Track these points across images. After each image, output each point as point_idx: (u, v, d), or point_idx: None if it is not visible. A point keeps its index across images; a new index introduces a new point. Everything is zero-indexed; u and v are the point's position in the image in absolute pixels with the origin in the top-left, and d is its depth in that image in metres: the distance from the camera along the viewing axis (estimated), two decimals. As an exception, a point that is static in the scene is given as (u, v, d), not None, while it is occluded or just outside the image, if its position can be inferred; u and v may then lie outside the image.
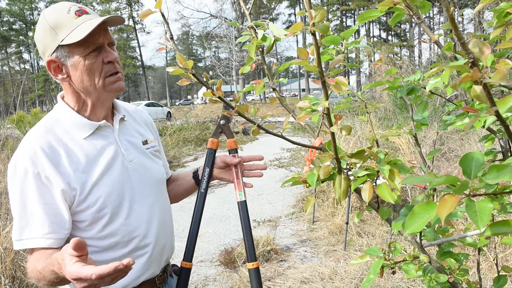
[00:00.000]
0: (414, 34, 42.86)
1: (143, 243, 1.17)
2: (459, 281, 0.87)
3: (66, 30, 1.04)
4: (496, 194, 0.52)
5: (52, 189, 1.03)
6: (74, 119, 1.11)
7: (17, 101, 7.07)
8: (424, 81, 0.96)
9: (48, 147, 1.05)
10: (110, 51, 1.10)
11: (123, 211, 1.13)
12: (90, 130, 1.12)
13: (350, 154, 0.79)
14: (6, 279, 2.92)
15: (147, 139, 1.29)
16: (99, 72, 1.08)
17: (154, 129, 1.39)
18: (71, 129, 1.11)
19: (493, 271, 2.90)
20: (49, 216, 1.03)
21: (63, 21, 1.04)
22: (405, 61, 13.24)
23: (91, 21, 1.05)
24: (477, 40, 0.46)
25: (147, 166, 1.23)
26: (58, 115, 1.13)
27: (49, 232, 1.03)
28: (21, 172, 1.03)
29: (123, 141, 1.18)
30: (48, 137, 1.07)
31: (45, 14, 1.07)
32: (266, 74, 0.92)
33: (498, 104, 0.48)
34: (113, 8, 50.43)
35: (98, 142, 1.13)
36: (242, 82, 33.12)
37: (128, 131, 1.23)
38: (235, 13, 35.12)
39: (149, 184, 1.21)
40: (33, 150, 1.03)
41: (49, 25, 1.05)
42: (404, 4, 0.68)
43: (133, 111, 1.33)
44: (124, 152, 1.16)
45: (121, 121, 1.21)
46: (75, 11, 1.06)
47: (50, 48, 1.06)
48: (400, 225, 0.73)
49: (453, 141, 6.45)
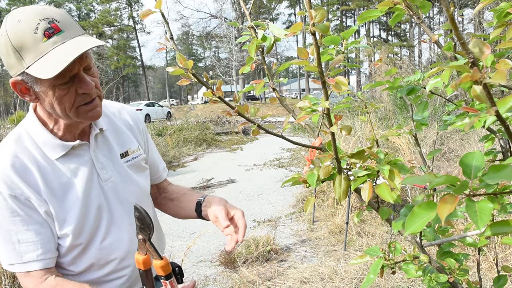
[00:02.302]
0: (414, 34, 42.87)
1: (121, 265, 1.11)
2: (459, 281, 0.87)
3: (33, 55, 0.88)
4: (496, 194, 0.52)
5: (35, 209, 0.98)
6: (45, 138, 1.01)
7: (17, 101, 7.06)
8: (424, 81, 0.96)
9: (21, 168, 0.97)
10: (85, 80, 0.94)
11: (99, 235, 1.07)
12: (63, 151, 1.02)
13: (350, 154, 0.79)
14: (6, 279, 2.92)
15: (127, 150, 1.16)
16: (70, 103, 0.95)
17: (140, 129, 1.26)
18: (43, 147, 1.01)
19: (493, 271, 2.90)
20: (40, 236, 0.98)
21: (29, 43, 0.87)
22: (405, 61, 13.24)
23: (62, 49, 0.88)
24: (477, 40, 0.46)
25: (126, 183, 1.13)
26: (29, 129, 1.03)
27: (42, 252, 0.99)
28: (1, 201, 0.95)
29: (99, 158, 1.09)
30: (20, 155, 0.98)
31: (7, 27, 0.88)
32: (266, 74, 0.92)
33: (498, 104, 0.48)
34: (113, 8, 50.44)
35: (71, 163, 1.03)
36: (242, 82, 33.12)
37: (105, 145, 1.12)
38: (235, 13, 35.13)
39: (128, 202, 1.12)
40: (5, 174, 0.95)
41: (12, 45, 0.87)
42: (404, 4, 0.68)
43: (115, 113, 1.20)
44: (99, 172, 1.07)
45: (98, 135, 1.10)
46: (44, 30, 0.87)
47: (15, 70, 0.91)
48: (400, 225, 0.73)
49: (453, 141, 6.45)
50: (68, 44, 0.89)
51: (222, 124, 16.14)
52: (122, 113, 1.22)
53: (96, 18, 52.31)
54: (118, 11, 51.13)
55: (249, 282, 3.22)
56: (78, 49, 0.88)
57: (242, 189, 6.37)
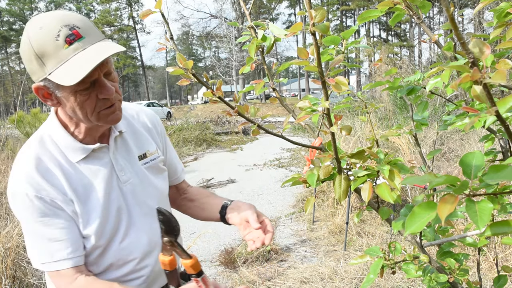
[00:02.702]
0: (414, 34, 42.87)
1: (139, 266, 1.12)
2: (459, 281, 0.87)
3: (54, 62, 0.89)
4: (496, 194, 0.52)
5: (61, 209, 1.00)
6: (67, 141, 1.03)
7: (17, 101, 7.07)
8: (424, 81, 0.96)
9: (45, 170, 0.99)
10: (106, 85, 0.96)
11: (118, 236, 1.08)
12: (84, 154, 1.04)
13: (350, 154, 0.79)
14: (6, 279, 2.92)
15: (145, 152, 1.18)
16: (92, 108, 0.97)
17: (159, 131, 1.27)
18: (64, 150, 1.03)
19: (493, 271, 2.90)
20: (69, 235, 1.00)
21: (51, 50, 0.88)
22: (405, 61, 13.24)
23: (83, 56, 0.89)
24: (477, 40, 0.46)
25: (144, 184, 1.14)
26: (51, 132, 1.05)
27: (72, 251, 1.01)
28: (24, 200, 0.97)
29: (119, 160, 1.10)
30: (44, 157, 1.00)
31: (29, 34, 0.90)
32: (266, 74, 0.92)
33: (498, 104, 0.48)
34: (113, 8, 50.45)
35: (92, 165, 1.05)
36: (242, 82, 33.13)
37: (124, 147, 1.13)
38: (235, 13, 35.14)
39: (146, 204, 1.14)
40: (30, 176, 0.98)
41: (34, 52, 0.89)
42: (404, 4, 0.68)
43: (134, 115, 1.21)
44: (119, 173, 1.09)
45: (117, 137, 1.12)
46: (65, 36, 0.88)
47: (37, 76, 0.93)
48: (400, 225, 0.73)
49: (453, 141, 6.45)
50: (89, 51, 0.90)
51: (222, 124, 16.14)
52: (141, 115, 1.23)
53: (96, 18, 52.32)
54: (118, 11, 51.15)
55: (249, 282, 3.22)
56: (99, 56, 0.89)
57: (242, 189, 6.37)
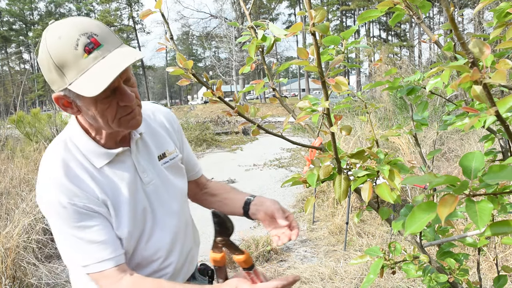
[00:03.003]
0: (414, 34, 42.87)
1: (164, 264, 1.15)
2: (459, 281, 0.87)
3: (74, 72, 0.89)
4: (496, 194, 0.52)
5: (95, 212, 1.00)
6: (90, 146, 1.03)
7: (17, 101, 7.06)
8: (424, 81, 0.96)
9: (74, 176, 0.99)
10: (126, 92, 0.95)
11: (144, 236, 1.10)
12: (108, 159, 1.04)
13: (350, 154, 0.79)
14: (6, 279, 2.92)
15: (164, 152, 1.18)
16: (112, 116, 0.96)
17: (175, 128, 1.26)
18: (88, 155, 1.03)
19: (493, 271, 2.90)
20: (106, 236, 1.01)
21: (70, 59, 0.88)
22: (405, 61, 13.24)
23: (103, 65, 0.88)
24: (477, 40, 0.46)
25: (165, 184, 1.16)
26: (73, 137, 1.05)
27: (112, 250, 1.01)
28: (58, 208, 0.98)
29: (140, 162, 1.11)
30: (70, 164, 1.00)
31: (48, 44, 0.89)
32: (266, 74, 0.91)
33: (498, 104, 0.48)
34: (113, 8, 50.46)
35: (116, 169, 1.06)
36: (242, 82, 33.13)
37: (145, 149, 1.14)
38: (235, 13, 35.13)
39: (168, 204, 1.16)
40: (60, 183, 0.97)
41: (54, 62, 0.88)
42: (404, 4, 0.68)
43: (150, 115, 1.21)
44: (141, 175, 1.10)
45: (138, 139, 1.12)
46: (84, 45, 0.87)
47: (57, 85, 0.93)
48: (400, 225, 0.73)
49: (453, 141, 6.45)
50: (108, 59, 0.89)
51: (222, 124, 16.14)
52: (157, 114, 1.23)
53: (96, 18, 52.29)
54: (118, 11, 51.15)
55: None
56: (119, 65, 0.89)
57: (242, 189, 6.32)
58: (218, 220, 0.94)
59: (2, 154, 5.94)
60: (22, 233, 3.35)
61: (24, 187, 4.51)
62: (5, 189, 4.29)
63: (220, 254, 0.98)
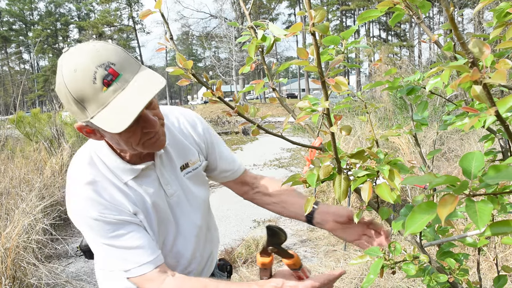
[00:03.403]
0: (414, 34, 42.86)
1: (185, 271, 1.17)
2: (459, 281, 0.87)
3: (95, 106, 0.86)
4: (496, 194, 0.52)
5: (128, 220, 1.02)
6: (116, 162, 1.03)
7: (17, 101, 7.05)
8: (424, 81, 0.96)
9: (102, 190, 1.00)
10: (149, 119, 0.93)
11: (167, 246, 1.13)
12: (134, 174, 1.05)
13: (350, 154, 0.79)
14: (6, 279, 2.92)
15: (187, 162, 1.17)
16: (136, 142, 0.95)
17: (200, 133, 1.22)
18: (114, 170, 1.03)
19: (493, 271, 2.90)
20: (142, 239, 1.02)
21: (89, 94, 0.84)
22: (405, 61, 13.23)
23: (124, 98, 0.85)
24: (477, 40, 0.46)
25: (187, 195, 1.16)
26: (99, 152, 1.04)
27: (151, 253, 1.03)
28: (89, 222, 0.99)
29: (164, 175, 1.11)
30: (97, 178, 1.01)
31: (64, 76, 0.86)
32: (266, 74, 0.91)
33: (498, 104, 0.48)
34: (113, 8, 50.44)
35: (141, 183, 1.06)
36: (242, 82, 33.13)
37: (168, 161, 1.13)
38: (235, 13, 35.13)
39: (191, 215, 1.17)
40: (89, 198, 0.99)
41: (72, 96, 0.86)
42: (404, 4, 0.68)
43: (174, 123, 1.18)
44: (165, 188, 1.10)
45: (162, 153, 1.11)
46: (102, 78, 0.84)
47: (79, 117, 0.91)
48: (400, 225, 0.73)
49: (453, 141, 6.44)
50: (128, 91, 0.86)
51: (222, 124, 16.14)
52: (181, 120, 1.20)
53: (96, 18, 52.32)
54: (118, 11, 51.15)
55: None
56: (140, 100, 0.85)
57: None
58: (272, 233, 0.96)
59: (2, 154, 5.94)
60: (22, 233, 3.35)
61: (24, 187, 4.51)
62: (5, 189, 4.29)
63: (268, 258, 1.00)
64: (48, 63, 56.14)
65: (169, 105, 1.26)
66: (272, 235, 0.96)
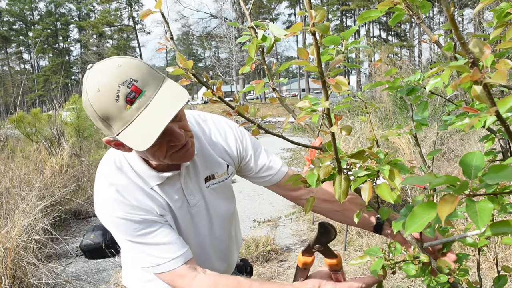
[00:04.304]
0: (414, 34, 42.85)
1: None
2: (459, 281, 0.87)
3: (120, 124, 0.87)
4: (496, 194, 0.52)
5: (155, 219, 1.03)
6: (143, 169, 1.05)
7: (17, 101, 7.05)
8: (424, 81, 0.96)
9: (129, 192, 1.02)
10: (175, 132, 0.93)
11: None
12: (159, 181, 1.06)
13: (350, 154, 0.79)
14: (6, 279, 2.92)
15: (214, 174, 1.16)
16: (163, 154, 0.97)
17: (230, 143, 1.19)
18: (141, 174, 1.05)
19: (493, 271, 2.90)
20: (169, 236, 1.03)
21: (113, 112, 0.86)
22: (405, 61, 13.23)
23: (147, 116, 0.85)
24: (477, 40, 0.46)
25: (210, 207, 1.17)
26: (128, 157, 1.06)
27: (179, 248, 1.03)
28: (116, 222, 1.01)
29: (189, 185, 1.11)
30: (124, 181, 1.03)
31: (89, 96, 0.87)
32: (266, 74, 0.91)
33: (498, 104, 0.48)
34: (113, 8, 50.44)
35: (166, 190, 1.08)
36: (242, 82, 33.12)
37: (194, 171, 1.13)
38: (235, 13, 35.12)
39: (212, 226, 1.18)
40: (115, 200, 1.01)
41: (98, 114, 0.88)
42: (404, 4, 0.68)
43: (207, 132, 1.17)
44: (188, 198, 1.11)
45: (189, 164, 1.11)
46: (125, 96, 0.84)
47: (105, 133, 0.93)
48: (400, 225, 0.73)
49: (453, 141, 6.44)
50: (152, 108, 0.86)
51: (222, 124, 16.09)
52: (213, 131, 1.18)
53: (96, 18, 52.32)
54: (118, 11, 51.16)
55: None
56: (165, 114, 0.85)
57: (242, 189, 6.36)
58: (323, 231, 0.95)
59: (2, 154, 5.94)
60: (22, 233, 3.35)
61: (24, 187, 4.51)
62: (5, 189, 4.29)
63: (311, 258, 1.00)
64: (48, 63, 56.19)
65: (204, 112, 1.24)
66: (323, 233, 0.94)
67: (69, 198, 5.18)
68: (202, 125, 1.17)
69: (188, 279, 1.01)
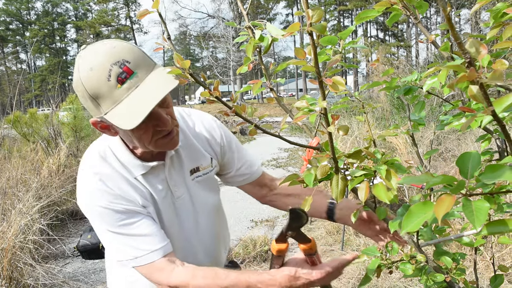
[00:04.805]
0: (411, 34, 42.95)
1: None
2: (456, 280, 0.87)
3: (109, 103, 0.89)
4: (493, 194, 0.52)
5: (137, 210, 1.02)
6: (127, 158, 1.05)
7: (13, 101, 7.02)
8: (421, 81, 0.96)
9: (112, 182, 1.02)
10: (162, 117, 0.95)
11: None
12: (143, 170, 1.06)
13: (347, 154, 0.79)
14: (3, 280, 2.91)
15: (198, 166, 1.17)
16: (149, 139, 0.97)
17: (215, 137, 1.21)
18: (126, 164, 1.05)
19: (490, 270, 2.91)
20: (150, 228, 1.03)
21: (104, 91, 0.87)
22: (402, 61, 13.26)
23: (137, 96, 0.87)
24: (474, 40, 0.46)
25: (195, 199, 1.16)
26: (112, 146, 1.06)
27: (159, 241, 1.02)
28: (99, 211, 1.00)
29: (173, 176, 1.11)
30: (107, 170, 1.03)
31: (81, 75, 0.89)
32: (264, 74, 0.91)
33: (495, 104, 0.48)
34: (110, 8, 50.32)
35: (150, 180, 1.07)
36: (239, 82, 33.10)
37: (178, 163, 1.13)
38: (233, 13, 35.11)
39: (196, 219, 1.17)
40: (98, 189, 1.00)
41: (88, 93, 0.89)
42: (401, 5, 0.68)
43: (191, 125, 1.18)
44: (172, 189, 1.11)
45: (173, 154, 1.12)
46: (117, 76, 0.86)
47: (93, 113, 0.94)
48: (397, 224, 0.73)
49: (450, 141, 6.46)
50: (141, 90, 0.88)
51: (220, 124, 16.09)
52: (198, 125, 1.20)
53: (93, 18, 52.19)
54: (115, 11, 51.04)
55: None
56: (153, 97, 0.87)
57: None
58: (295, 216, 0.95)
59: (-2, 154, 5.91)
60: (19, 234, 3.34)
61: (21, 188, 4.49)
62: (2, 189, 4.27)
63: (285, 245, 1.00)
64: (45, 62, 56.03)
65: (189, 108, 1.25)
66: (294, 218, 0.94)
67: (66, 198, 5.16)
68: (186, 119, 1.18)
69: (166, 272, 1.01)
